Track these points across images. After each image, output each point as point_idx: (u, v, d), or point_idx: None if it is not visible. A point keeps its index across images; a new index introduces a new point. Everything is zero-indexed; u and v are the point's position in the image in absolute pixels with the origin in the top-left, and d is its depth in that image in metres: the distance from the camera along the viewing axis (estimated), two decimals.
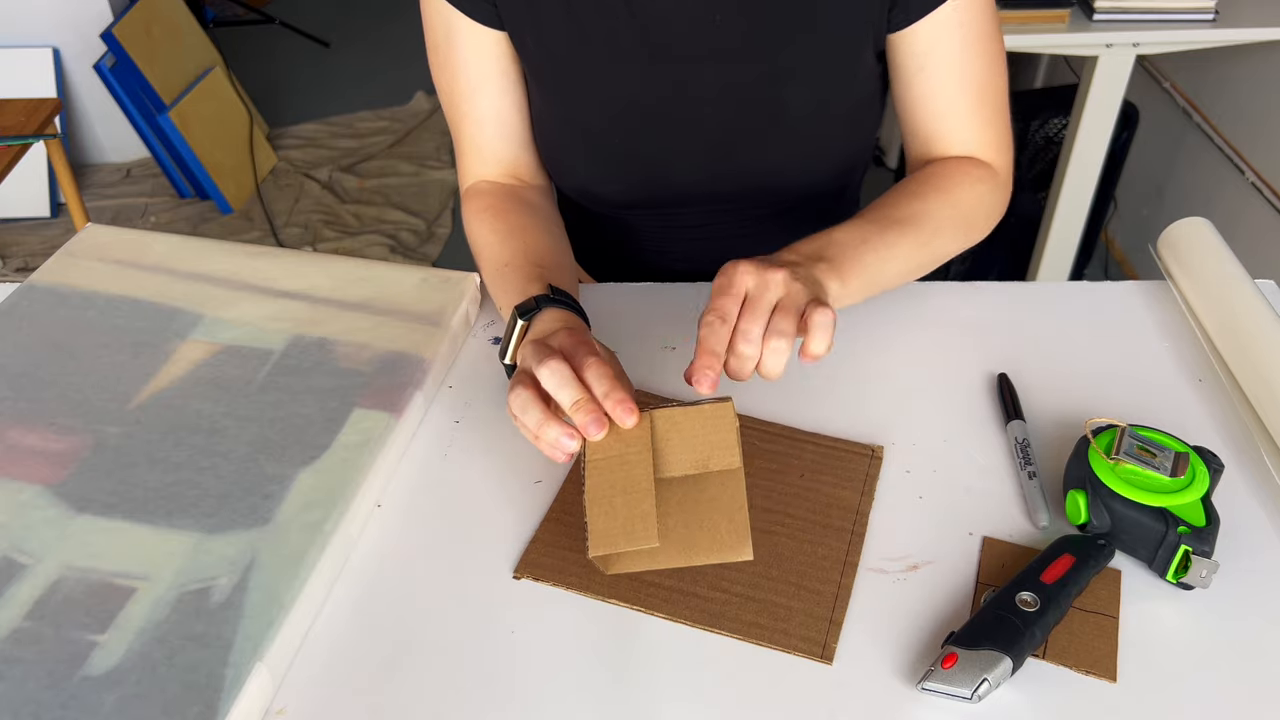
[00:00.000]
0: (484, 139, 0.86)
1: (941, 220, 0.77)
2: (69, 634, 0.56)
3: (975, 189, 0.79)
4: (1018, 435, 0.70)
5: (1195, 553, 0.59)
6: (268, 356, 0.75)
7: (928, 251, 0.77)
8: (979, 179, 0.80)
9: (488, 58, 0.82)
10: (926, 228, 0.76)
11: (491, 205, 0.84)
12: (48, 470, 0.66)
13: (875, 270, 0.72)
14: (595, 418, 0.60)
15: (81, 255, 0.85)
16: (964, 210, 0.79)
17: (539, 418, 0.61)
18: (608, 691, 0.56)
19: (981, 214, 0.81)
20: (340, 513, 0.63)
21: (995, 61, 0.79)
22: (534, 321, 0.70)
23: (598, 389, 0.61)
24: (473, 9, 0.80)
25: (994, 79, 0.80)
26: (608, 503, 0.59)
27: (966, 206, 0.79)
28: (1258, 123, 1.92)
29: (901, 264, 0.75)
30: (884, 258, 0.73)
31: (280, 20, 3.57)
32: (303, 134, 3.09)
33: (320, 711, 0.56)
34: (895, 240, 0.74)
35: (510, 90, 0.85)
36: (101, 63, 2.63)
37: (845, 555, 0.63)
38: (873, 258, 0.72)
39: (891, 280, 0.75)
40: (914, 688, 0.56)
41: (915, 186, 0.79)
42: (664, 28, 0.78)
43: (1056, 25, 1.76)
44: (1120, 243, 2.45)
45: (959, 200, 0.78)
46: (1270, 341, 0.72)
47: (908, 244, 0.75)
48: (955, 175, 0.79)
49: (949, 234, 0.78)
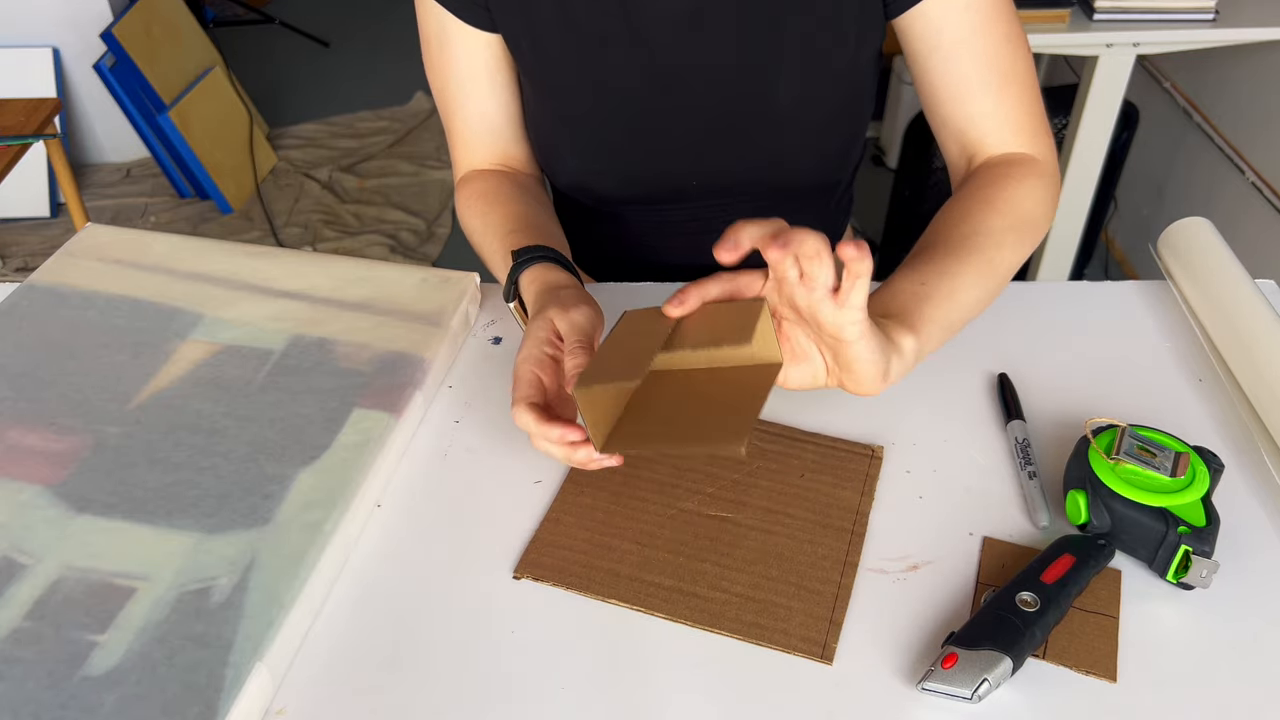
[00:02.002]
0: (474, 136, 0.88)
1: (999, 233, 0.72)
2: (69, 634, 0.56)
3: (1022, 188, 0.75)
4: (1018, 435, 0.70)
5: (1195, 553, 0.59)
6: (268, 356, 0.75)
7: (993, 270, 0.71)
8: (1023, 177, 0.75)
9: (479, 58, 0.84)
10: (987, 247, 0.71)
11: (481, 190, 0.86)
12: (48, 470, 0.66)
13: (945, 313, 0.67)
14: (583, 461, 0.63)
15: (81, 255, 0.85)
16: (1019, 215, 0.74)
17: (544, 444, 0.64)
18: (608, 691, 0.56)
19: (1038, 214, 0.75)
20: (340, 513, 0.63)
21: (1013, 41, 0.76)
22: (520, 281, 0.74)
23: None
24: (464, 11, 0.81)
25: (1016, 59, 0.76)
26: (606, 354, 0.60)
27: (1021, 211, 0.74)
28: (1258, 123, 1.92)
29: (970, 292, 0.69)
30: (949, 295, 0.68)
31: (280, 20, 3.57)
32: (303, 134, 3.09)
33: (320, 711, 0.56)
34: (957, 270, 0.69)
35: (501, 90, 0.86)
36: (101, 63, 2.63)
37: (845, 555, 0.63)
38: (941, 301, 0.67)
39: (967, 312, 0.69)
40: (914, 688, 0.56)
41: (961, 206, 0.74)
42: (654, 19, 0.78)
43: (1056, 25, 1.76)
44: (1120, 243, 2.45)
45: (1011, 207, 0.73)
46: (1270, 341, 0.72)
47: (971, 271, 0.69)
48: (999, 181, 0.75)
49: (1011, 245, 0.73)
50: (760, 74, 0.80)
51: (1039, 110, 0.78)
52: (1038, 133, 0.78)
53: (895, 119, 2.73)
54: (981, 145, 0.78)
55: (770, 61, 0.79)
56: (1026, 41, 0.77)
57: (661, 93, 0.82)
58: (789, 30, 0.78)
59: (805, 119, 0.83)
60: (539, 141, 0.89)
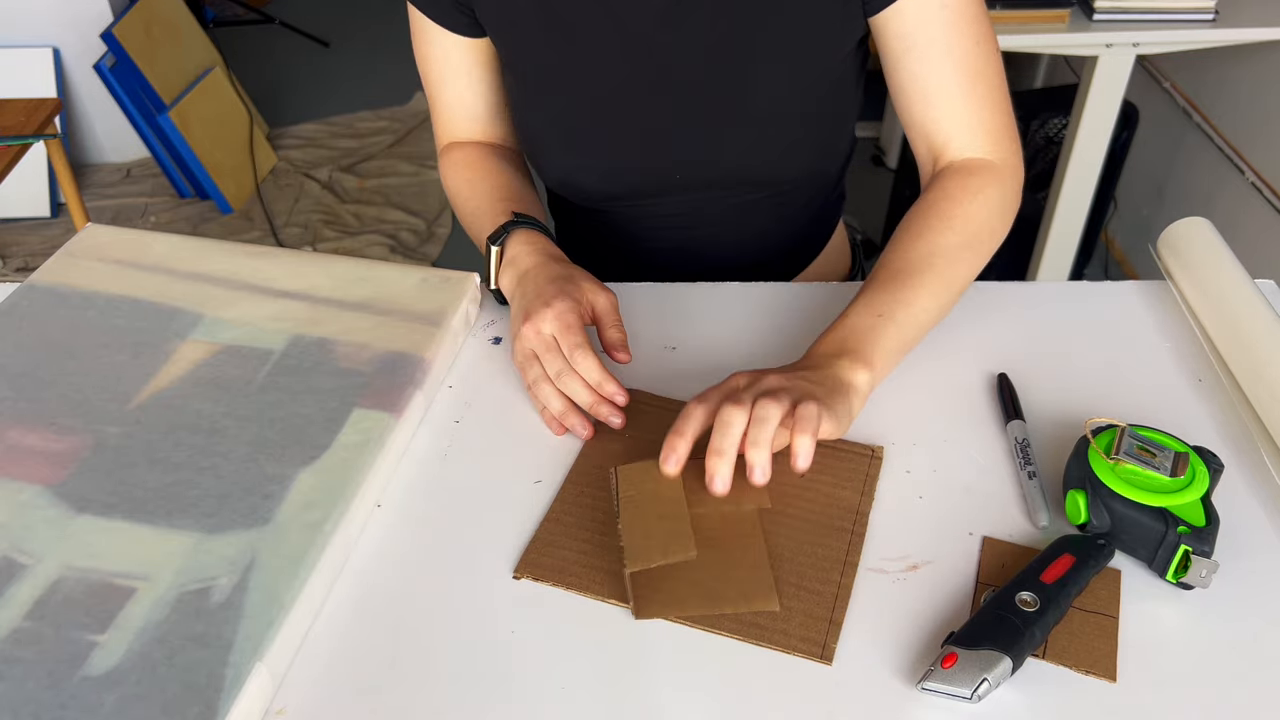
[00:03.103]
0: (453, 118, 0.92)
1: (953, 251, 0.75)
2: (69, 634, 0.56)
3: (977, 200, 0.77)
4: (1018, 435, 0.70)
5: (1195, 553, 0.59)
6: (268, 356, 0.75)
7: (947, 287, 0.75)
8: (980, 187, 0.77)
9: (455, 57, 0.87)
10: (939, 266, 0.74)
11: (466, 159, 0.91)
12: (48, 470, 0.66)
13: (898, 339, 0.71)
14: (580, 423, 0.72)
15: (81, 255, 0.85)
16: (973, 229, 0.76)
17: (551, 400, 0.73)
18: (608, 691, 0.56)
19: (994, 224, 0.78)
20: (340, 513, 0.63)
21: (985, 44, 0.77)
22: (506, 245, 0.81)
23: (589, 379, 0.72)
24: (444, 18, 0.84)
25: (986, 62, 0.78)
26: (643, 525, 0.63)
27: (975, 224, 0.77)
28: (1258, 123, 1.92)
29: (926, 315, 0.74)
30: (905, 321, 0.72)
31: (280, 20, 3.57)
32: (303, 134, 3.09)
33: (320, 711, 0.56)
34: (912, 298, 0.73)
35: (479, 83, 0.90)
36: (101, 63, 2.63)
37: (845, 555, 0.63)
38: (894, 329, 0.71)
39: (922, 331, 0.74)
40: (914, 688, 0.56)
41: (916, 225, 0.77)
42: (634, 13, 0.79)
43: (1056, 25, 1.76)
44: (1120, 243, 2.45)
45: (965, 222, 0.76)
46: (1270, 341, 0.72)
47: (926, 293, 0.73)
48: (955, 194, 0.77)
49: (967, 261, 0.76)
50: (738, 68, 0.81)
51: (1006, 113, 0.80)
52: (1003, 136, 0.80)
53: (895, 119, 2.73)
54: (947, 148, 0.80)
55: (747, 56, 0.80)
56: (997, 45, 0.79)
57: (642, 87, 0.82)
58: (768, 25, 0.78)
59: (784, 112, 0.83)
60: (525, 136, 0.91)
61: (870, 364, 0.69)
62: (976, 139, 0.79)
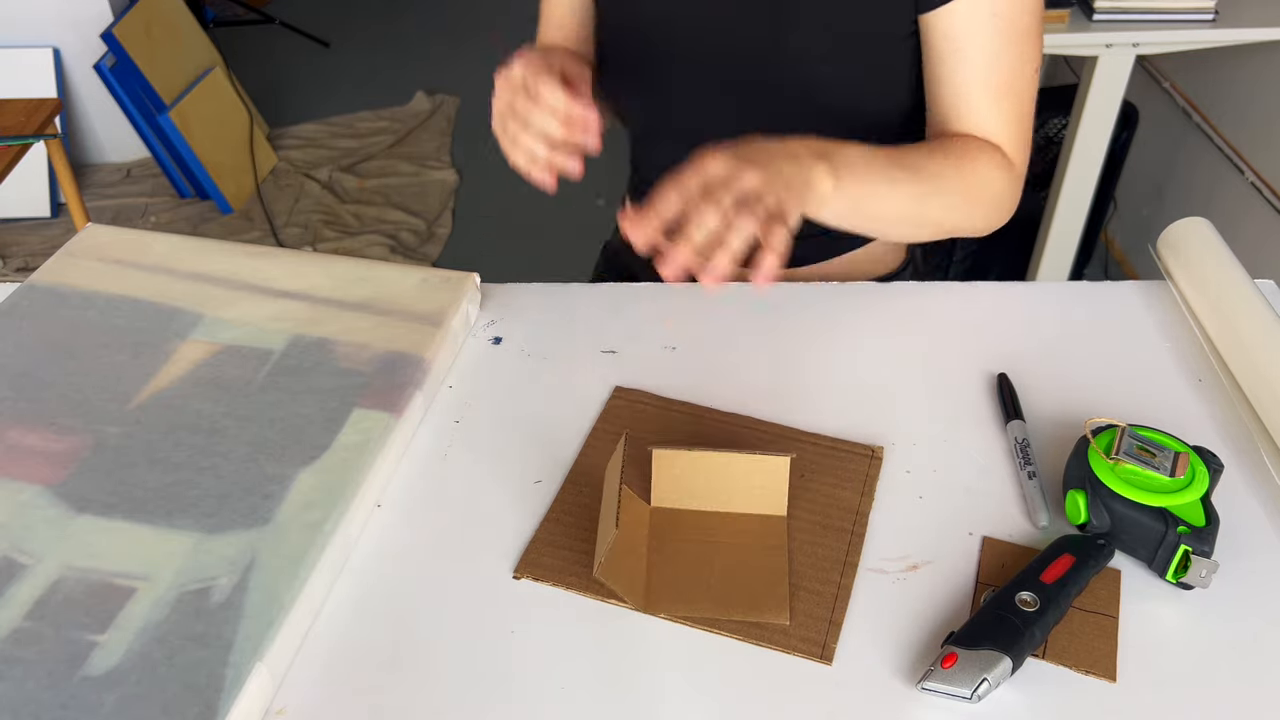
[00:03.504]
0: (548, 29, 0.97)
1: (946, 184, 0.78)
2: (69, 634, 0.56)
3: (989, 169, 0.79)
4: (1017, 435, 0.70)
5: (1195, 553, 0.59)
6: (268, 356, 0.75)
7: (923, 207, 0.78)
8: (996, 164, 0.80)
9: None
10: (929, 183, 0.77)
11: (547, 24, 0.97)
12: (48, 470, 0.66)
13: (870, 191, 0.73)
14: (565, 159, 0.73)
15: (81, 255, 0.85)
16: (972, 184, 0.79)
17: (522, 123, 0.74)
18: (608, 691, 0.56)
19: (990, 195, 0.80)
20: (340, 513, 0.63)
21: (1026, 59, 0.79)
22: None
23: (555, 106, 0.71)
24: None
25: (1021, 77, 0.80)
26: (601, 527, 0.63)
27: (976, 181, 0.79)
28: (1258, 123, 1.92)
29: (896, 204, 0.76)
30: (882, 187, 0.74)
31: (280, 20, 3.56)
32: (303, 134, 3.09)
33: (320, 711, 0.56)
34: (897, 178, 0.75)
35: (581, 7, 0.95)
36: (101, 63, 2.63)
37: (845, 555, 0.63)
38: (873, 180, 0.73)
39: (880, 214, 0.76)
40: (914, 688, 0.56)
41: (931, 145, 0.79)
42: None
43: (1056, 25, 1.76)
44: (1120, 243, 2.45)
45: (971, 174, 0.78)
46: (1270, 341, 0.72)
47: (907, 190, 0.76)
48: (973, 150, 0.79)
49: (950, 200, 0.79)
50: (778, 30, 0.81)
51: (1027, 128, 0.82)
52: (1019, 146, 0.82)
53: None
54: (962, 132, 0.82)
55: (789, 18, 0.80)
56: (1038, 64, 0.81)
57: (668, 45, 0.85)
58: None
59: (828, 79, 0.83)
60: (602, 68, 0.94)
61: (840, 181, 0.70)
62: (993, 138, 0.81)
